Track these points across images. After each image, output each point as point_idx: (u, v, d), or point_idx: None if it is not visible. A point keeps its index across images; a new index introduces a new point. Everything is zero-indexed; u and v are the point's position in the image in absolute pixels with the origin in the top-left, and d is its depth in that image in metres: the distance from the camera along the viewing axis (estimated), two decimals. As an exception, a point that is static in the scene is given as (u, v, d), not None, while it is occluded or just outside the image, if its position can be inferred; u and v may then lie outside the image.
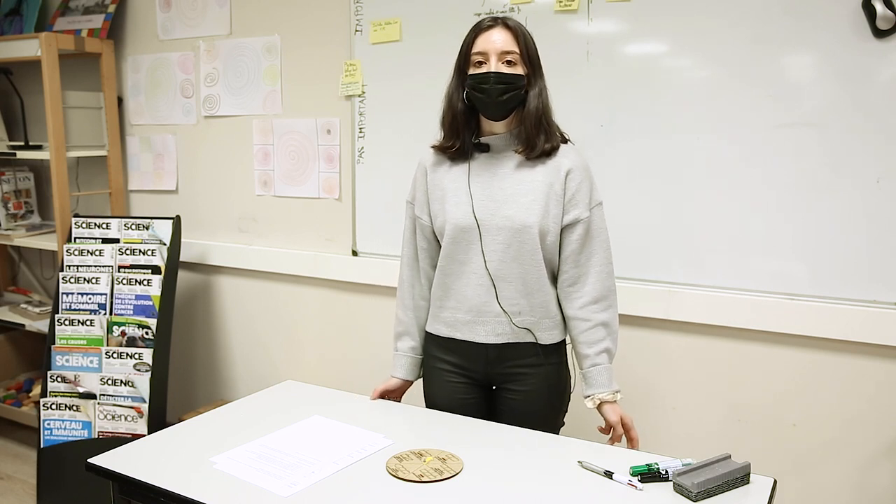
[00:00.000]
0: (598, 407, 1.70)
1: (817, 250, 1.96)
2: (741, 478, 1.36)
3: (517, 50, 1.64)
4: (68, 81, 3.02)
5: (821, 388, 2.01)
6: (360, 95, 2.59)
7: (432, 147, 1.79)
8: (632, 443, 1.69)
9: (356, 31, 2.56)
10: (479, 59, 1.65)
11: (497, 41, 1.63)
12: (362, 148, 2.61)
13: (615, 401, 1.69)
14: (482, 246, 1.68)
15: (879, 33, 1.83)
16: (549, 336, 1.72)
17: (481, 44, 1.65)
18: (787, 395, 2.05)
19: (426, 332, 1.84)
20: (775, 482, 1.38)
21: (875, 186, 1.88)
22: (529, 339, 1.71)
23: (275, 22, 2.76)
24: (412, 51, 2.46)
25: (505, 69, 1.63)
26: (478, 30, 1.67)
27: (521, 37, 1.65)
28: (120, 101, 3.18)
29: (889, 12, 1.80)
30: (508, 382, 1.75)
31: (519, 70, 1.65)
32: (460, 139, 1.72)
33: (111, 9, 3.08)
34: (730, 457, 1.41)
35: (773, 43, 1.94)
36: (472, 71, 1.66)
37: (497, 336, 1.71)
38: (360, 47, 2.56)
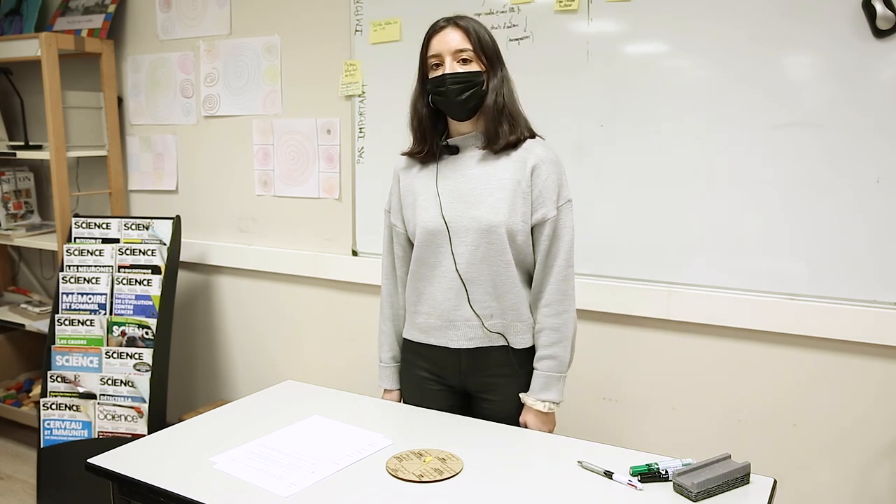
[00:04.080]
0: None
1: (817, 250, 1.96)
2: (741, 478, 1.36)
3: (470, 47, 1.64)
4: (68, 81, 3.02)
5: (821, 388, 2.01)
6: (360, 95, 2.59)
7: (402, 154, 1.80)
8: None
9: (356, 31, 2.56)
10: (436, 61, 1.67)
11: (450, 41, 1.65)
12: (362, 148, 2.61)
13: (541, 409, 1.67)
14: (452, 248, 1.67)
15: (879, 33, 1.82)
16: (521, 340, 1.71)
17: (435, 46, 1.67)
18: (787, 395, 2.05)
19: (403, 339, 1.83)
20: (775, 482, 1.38)
21: (875, 186, 1.88)
22: (501, 342, 1.70)
23: (275, 22, 2.76)
24: (412, 51, 2.43)
25: (460, 68, 1.64)
26: (432, 32, 1.69)
27: (473, 33, 1.65)
28: (120, 101, 3.18)
29: (889, 12, 1.80)
30: (483, 392, 1.75)
31: (475, 67, 1.65)
32: (428, 143, 1.72)
33: (111, 9, 3.07)
34: (730, 457, 1.40)
35: (772, 43, 1.94)
36: (430, 74, 1.68)
37: (469, 340, 1.70)
38: (360, 47, 2.56)
